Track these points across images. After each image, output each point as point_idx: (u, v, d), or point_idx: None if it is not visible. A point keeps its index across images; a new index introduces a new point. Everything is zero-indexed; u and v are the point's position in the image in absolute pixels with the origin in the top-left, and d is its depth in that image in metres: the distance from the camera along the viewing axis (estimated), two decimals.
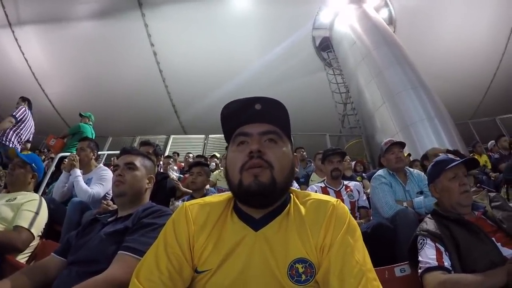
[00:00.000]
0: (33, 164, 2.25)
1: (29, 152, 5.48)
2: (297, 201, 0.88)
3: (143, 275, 0.78)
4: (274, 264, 0.76)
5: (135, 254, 1.12)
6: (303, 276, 0.75)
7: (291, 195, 0.90)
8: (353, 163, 5.64)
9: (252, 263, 0.76)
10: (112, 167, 2.88)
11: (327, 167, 2.82)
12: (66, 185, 2.75)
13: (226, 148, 1.05)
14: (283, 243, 0.79)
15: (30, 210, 1.96)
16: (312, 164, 5.09)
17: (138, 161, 1.48)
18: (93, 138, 4.70)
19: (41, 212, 2.01)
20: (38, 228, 1.93)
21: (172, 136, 10.38)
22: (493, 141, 6.10)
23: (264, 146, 0.83)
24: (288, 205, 0.86)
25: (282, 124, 0.87)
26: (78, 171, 2.69)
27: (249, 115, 0.86)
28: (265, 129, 0.85)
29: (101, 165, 3.03)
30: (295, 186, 3.41)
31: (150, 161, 1.56)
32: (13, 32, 11.10)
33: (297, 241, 0.79)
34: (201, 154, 8.00)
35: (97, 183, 2.65)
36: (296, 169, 0.91)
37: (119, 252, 1.15)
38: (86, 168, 2.88)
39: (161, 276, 0.77)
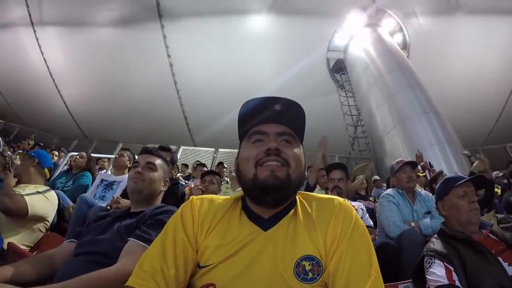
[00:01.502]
0: (32, 153, 2.36)
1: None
2: (303, 201, 0.89)
3: (147, 263, 0.78)
4: (281, 263, 0.75)
5: (145, 243, 1.13)
6: (310, 274, 0.74)
7: (297, 196, 0.91)
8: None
9: (258, 262, 0.76)
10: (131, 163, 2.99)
11: (329, 185, 2.83)
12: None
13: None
14: (292, 241, 0.79)
15: (35, 189, 2.04)
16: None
17: (158, 163, 1.53)
18: None
19: (46, 195, 2.07)
20: (34, 203, 1.95)
21: (181, 147, 10.38)
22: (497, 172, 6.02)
23: (281, 145, 0.84)
24: (295, 205, 0.87)
25: (297, 127, 0.90)
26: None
27: (267, 115, 0.87)
28: (281, 130, 0.87)
29: None
30: None
31: (167, 165, 1.61)
32: (34, 31, 11.42)
33: (306, 238, 0.79)
34: (210, 167, 7.94)
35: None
36: (305, 172, 0.92)
37: (129, 239, 1.17)
38: (119, 171, 3.27)
39: (166, 264, 0.77)
